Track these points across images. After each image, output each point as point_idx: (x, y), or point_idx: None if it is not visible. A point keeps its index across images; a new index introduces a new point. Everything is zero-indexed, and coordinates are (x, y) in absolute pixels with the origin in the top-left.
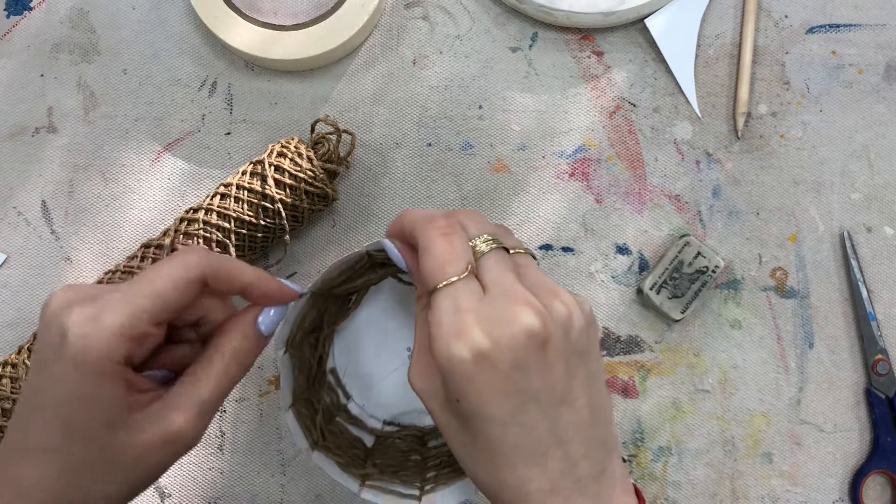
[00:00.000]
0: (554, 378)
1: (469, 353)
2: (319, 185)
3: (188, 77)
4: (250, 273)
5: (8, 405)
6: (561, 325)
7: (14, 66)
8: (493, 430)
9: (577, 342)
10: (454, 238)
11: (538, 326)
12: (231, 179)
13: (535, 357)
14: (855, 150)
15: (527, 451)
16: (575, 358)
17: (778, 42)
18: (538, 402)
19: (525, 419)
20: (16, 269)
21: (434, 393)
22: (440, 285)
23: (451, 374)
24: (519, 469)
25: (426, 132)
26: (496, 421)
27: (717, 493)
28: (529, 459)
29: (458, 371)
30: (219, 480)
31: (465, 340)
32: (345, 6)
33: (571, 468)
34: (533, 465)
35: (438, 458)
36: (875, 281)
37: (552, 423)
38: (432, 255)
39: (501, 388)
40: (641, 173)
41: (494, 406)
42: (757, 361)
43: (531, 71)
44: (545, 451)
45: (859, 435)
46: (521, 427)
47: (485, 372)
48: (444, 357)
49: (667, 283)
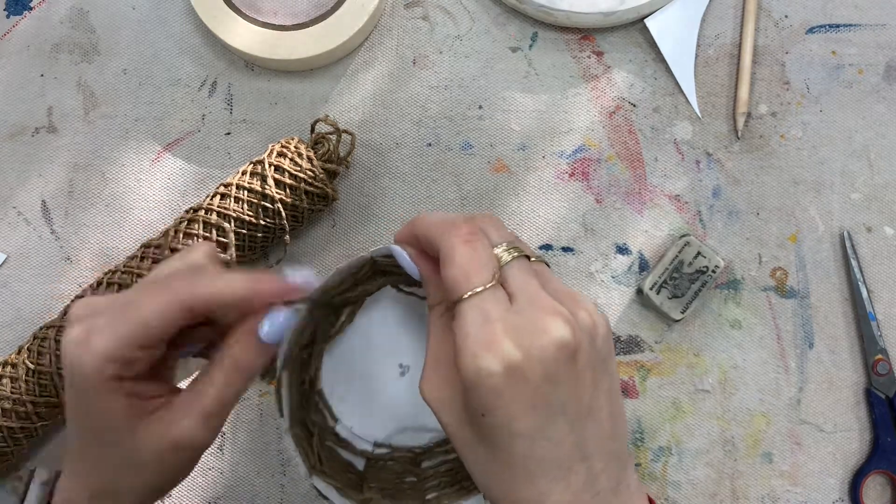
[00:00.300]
0: (582, 389)
1: (500, 366)
2: (319, 185)
3: (188, 77)
4: (240, 288)
5: (8, 405)
6: (587, 334)
7: (14, 66)
8: (519, 446)
9: (601, 351)
10: (478, 245)
11: (569, 337)
12: (231, 179)
13: (565, 369)
14: (855, 150)
15: (552, 465)
16: (600, 367)
17: (778, 42)
18: (566, 416)
19: (553, 433)
20: (16, 269)
21: (449, 405)
22: (466, 295)
23: (479, 388)
24: (539, 484)
25: (426, 132)
26: (524, 436)
27: (717, 493)
28: (553, 474)
29: (487, 384)
30: (219, 480)
31: (496, 352)
32: (345, 6)
33: (592, 482)
34: (556, 481)
35: (436, 478)
36: (875, 281)
37: (578, 436)
38: (456, 263)
39: (531, 402)
40: (641, 173)
41: (524, 421)
42: (757, 361)
43: (531, 71)
44: (570, 465)
45: (859, 435)
46: (548, 441)
47: (516, 385)
48: (471, 370)
49: (667, 283)
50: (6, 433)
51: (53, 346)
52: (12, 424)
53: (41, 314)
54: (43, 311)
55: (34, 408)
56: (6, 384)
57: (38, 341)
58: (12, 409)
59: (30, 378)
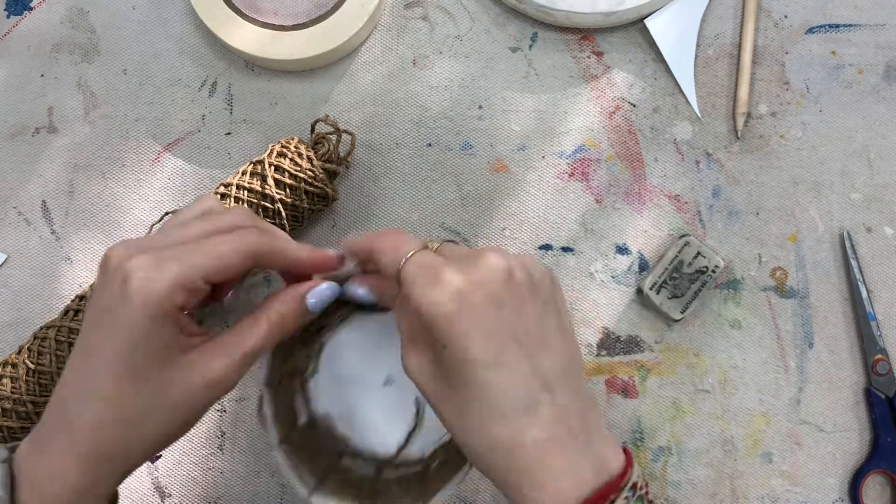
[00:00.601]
0: (527, 318)
1: (446, 295)
2: (319, 185)
3: (188, 77)
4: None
5: (8, 405)
6: (521, 266)
7: (14, 66)
8: (480, 374)
9: (540, 286)
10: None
11: (503, 262)
12: (231, 179)
13: (505, 290)
14: (855, 151)
15: (516, 396)
16: (542, 304)
17: (778, 42)
18: (518, 343)
19: (508, 359)
20: (16, 269)
21: (425, 368)
22: (402, 262)
23: (436, 321)
24: (511, 419)
25: (426, 132)
26: (482, 363)
27: (716, 493)
28: (520, 405)
29: (441, 314)
30: (219, 480)
31: (441, 284)
32: (345, 6)
33: (562, 416)
34: (525, 414)
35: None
36: (875, 281)
37: (534, 365)
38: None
39: (482, 327)
40: (641, 173)
41: (478, 345)
42: (757, 361)
43: (531, 71)
44: (534, 395)
45: (859, 435)
46: (506, 368)
47: (464, 310)
48: (425, 307)
49: (667, 283)
50: (6, 433)
51: (54, 346)
52: (12, 424)
53: (41, 314)
54: (43, 311)
55: (34, 408)
56: (6, 384)
57: (39, 341)
58: (12, 408)
59: (30, 378)
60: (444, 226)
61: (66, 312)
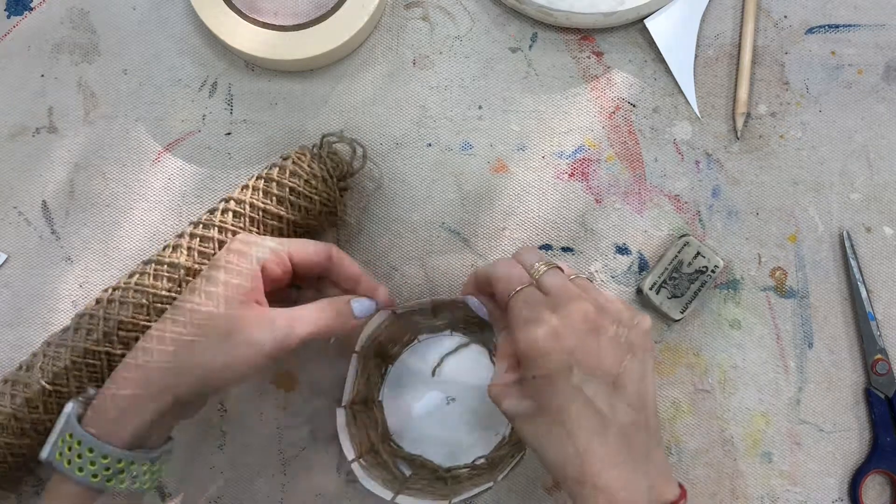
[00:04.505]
0: (606, 361)
1: (543, 332)
2: (334, 206)
3: (188, 77)
4: (355, 272)
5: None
6: (612, 319)
7: (14, 67)
8: (561, 399)
9: (627, 336)
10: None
11: (592, 313)
12: (243, 196)
13: (590, 340)
14: (854, 151)
15: (588, 421)
16: (624, 350)
17: (777, 42)
18: (596, 379)
19: (587, 390)
20: (16, 269)
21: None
22: (511, 294)
23: (531, 352)
24: (581, 439)
25: (426, 132)
26: (564, 391)
27: (716, 493)
28: (590, 429)
29: (537, 349)
30: (219, 480)
31: (539, 323)
32: (345, 6)
33: (627, 445)
34: (594, 436)
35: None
36: (874, 281)
37: (609, 401)
38: (501, 279)
39: (568, 361)
40: (641, 173)
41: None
42: (756, 361)
43: (531, 71)
44: (604, 423)
45: (859, 435)
46: (582, 398)
47: (556, 346)
48: (524, 341)
49: (666, 283)
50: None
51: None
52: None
53: (41, 314)
54: (43, 311)
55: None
56: (6, 402)
57: (51, 360)
58: (12, 425)
59: (48, 398)
60: (444, 226)
61: (73, 319)
